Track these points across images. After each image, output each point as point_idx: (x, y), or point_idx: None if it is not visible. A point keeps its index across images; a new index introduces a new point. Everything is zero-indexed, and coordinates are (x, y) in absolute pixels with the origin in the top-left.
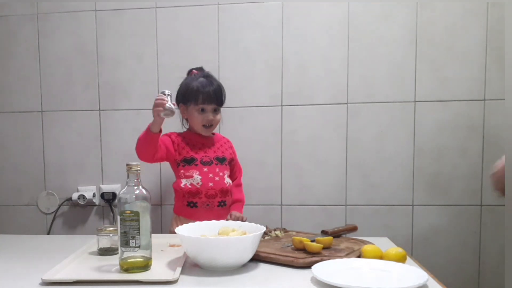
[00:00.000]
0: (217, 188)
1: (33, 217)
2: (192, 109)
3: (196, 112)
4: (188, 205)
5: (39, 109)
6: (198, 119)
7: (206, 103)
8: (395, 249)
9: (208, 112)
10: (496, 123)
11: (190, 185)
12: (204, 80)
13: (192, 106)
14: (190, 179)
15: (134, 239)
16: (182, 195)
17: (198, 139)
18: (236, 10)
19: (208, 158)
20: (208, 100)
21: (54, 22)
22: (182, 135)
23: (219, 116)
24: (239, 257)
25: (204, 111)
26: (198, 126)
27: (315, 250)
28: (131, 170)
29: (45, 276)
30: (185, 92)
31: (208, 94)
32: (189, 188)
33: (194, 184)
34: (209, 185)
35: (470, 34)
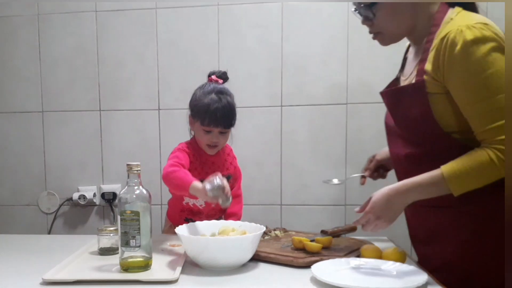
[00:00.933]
0: (218, 208)
1: (33, 217)
2: (198, 126)
3: (202, 131)
4: (186, 220)
5: (39, 109)
6: (202, 138)
7: (212, 126)
8: (394, 249)
9: (214, 134)
10: None
11: (193, 205)
12: (215, 98)
13: (198, 123)
14: (193, 200)
15: (135, 239)
16: (180, 209)
17: (208, 157)
18: (236, 10)
19: None
20: (214, 123)
21: (54, 22)
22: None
23: (226, 137)
24: (239, 257)
25: (210, 132)
26: (202, 144)
27: (314, 250)
28: (132, 170)
29: (45, 275)
30: (194, 106)
31: (215, 118)
32: (191, 207)
33: (197, 205)
34: (211, 206)
35: None
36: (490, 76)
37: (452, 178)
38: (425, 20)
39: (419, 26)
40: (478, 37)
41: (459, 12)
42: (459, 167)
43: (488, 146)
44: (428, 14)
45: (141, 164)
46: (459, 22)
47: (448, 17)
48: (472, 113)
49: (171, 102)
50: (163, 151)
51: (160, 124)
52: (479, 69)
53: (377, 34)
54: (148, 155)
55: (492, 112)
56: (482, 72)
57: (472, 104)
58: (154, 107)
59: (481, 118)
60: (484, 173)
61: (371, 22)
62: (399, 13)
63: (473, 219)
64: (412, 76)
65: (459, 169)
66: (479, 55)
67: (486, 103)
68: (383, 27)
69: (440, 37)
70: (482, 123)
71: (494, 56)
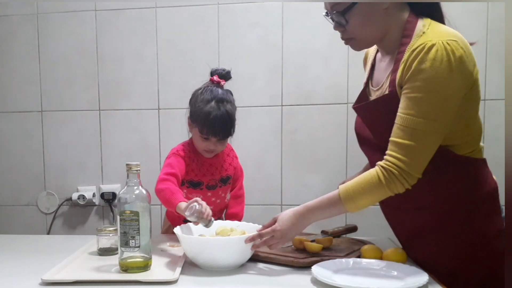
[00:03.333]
0: (217, 209)
1: (33, 217)
2: (196, 132)
3: (200, 138)
4: (185, 221)
5: (39, 109)
6: (200, 144)
7: (210, 135)
8: (395, 249)
9: (212, 142)
10: (496, 123)
11: None
12: (214, 107)
13: (196, 130)
14: None
15: (134, 239)
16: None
17: (206, 159)
18: (236, 10)
19: (214, 181)
20: (212, 133)
21: (54, 22)
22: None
23: (223, 144)
24: (238, 257)
25: (208, 139)
26: (200, 149)
27: (315, 250)
28: (131, 170)
29: (44, 276)
30: (193, 112)
31: (213, 128)
32: None
33: None
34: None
35: (470, 34)
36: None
37: (347, 199)
38: (397, 28)
39: (390, 33)
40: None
41: (430, 24)
42: (353, 188)
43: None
44: (399, 22)
45: (140, 164)
46: (431, 37)
47: (420, 30)
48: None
49: (171, 102)
50: (163, 151)
51: (159, 123)
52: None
53: (349, 40)
54: (147, 155)
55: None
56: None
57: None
58: (154, 106)
59: (396, 128)
60: (374, 192)
61: (343, 28)
62: (371, 20)
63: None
64: (385, 86)
65: (353, 190)
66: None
67: (406, 118)
68: (355, 34)
69: (411, 50)
70: (394, 133)
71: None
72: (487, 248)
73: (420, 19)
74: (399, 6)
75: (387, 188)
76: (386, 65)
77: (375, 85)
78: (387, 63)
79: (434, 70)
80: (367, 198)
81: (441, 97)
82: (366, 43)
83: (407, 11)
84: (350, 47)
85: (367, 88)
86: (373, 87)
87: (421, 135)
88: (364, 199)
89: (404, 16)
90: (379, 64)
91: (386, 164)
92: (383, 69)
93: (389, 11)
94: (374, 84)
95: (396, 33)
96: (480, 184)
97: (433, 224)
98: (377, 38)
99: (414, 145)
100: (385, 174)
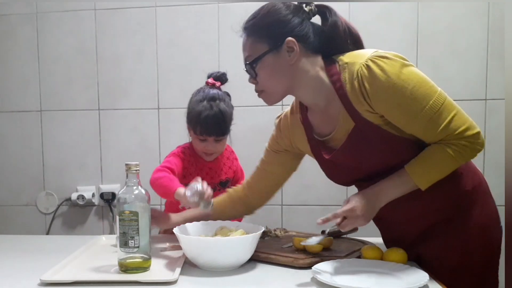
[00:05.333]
0: None
1: (32, 217)
2: (193, 134)
3: (197, 140)
4: None
5: (38, 108)
6: (199, 146)
7: (204, 134)
8: (395, 250)
9: (209, 142)
10: (497, 123)
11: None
12: (206, 106)
13: (192, 132)
14: None
15: (133, 239)
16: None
17: (205, 163)
18: (236, 9)
19: (213, 185)
20: (206, 132)
21: (53, 21)
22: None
23: (222, 143)
24: (238, 257)
25: (205, 140)
26: (199, 152)
27: (315, 251)
28: (130, 170)
29: (43, 276)
30: (188, 114)
31: (206, 127)
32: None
33: None
34: None
35: (472, 33)
36: (412, 91)
37: (416, 175)
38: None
39: (304, 85)
40: (382, 63)
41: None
42: (421, 164)
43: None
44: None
45: (140, 164)
46: (357, 60)
47: (341, 64)
48: (416, 128)
49: (170, 102)
50: (163, 150)
51: (159, 123)
52: (400, 90)
53: (260, 93)
54: (147, 155)
55: (432, 119)
56: (404, 91)
57: (412, 121)
58: (154, 106)
59: (426, 128)
60: (445, 165)
61: (255, 80)
62: (278, 73)
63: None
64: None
65: (422, 166)
66: (394, 78)
67: (423, 115)
68: (264, 86)
69: (349, 81)
70: (429, 132)
71: (405, 72)
72: (485, 239)
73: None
74: (310, 57)
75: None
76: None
77: (326, 134)
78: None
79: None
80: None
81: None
82: (275, 96)
83: (319, 58)
84: (263, 100)
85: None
86: (323, 137)
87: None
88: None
89: (318, 63)
90: (316, 116)
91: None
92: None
93: (297, 64)
94: (322, 135)
95: (315, 81)
96: (470, 176)
97: (439, 220)
98: (285, 91)
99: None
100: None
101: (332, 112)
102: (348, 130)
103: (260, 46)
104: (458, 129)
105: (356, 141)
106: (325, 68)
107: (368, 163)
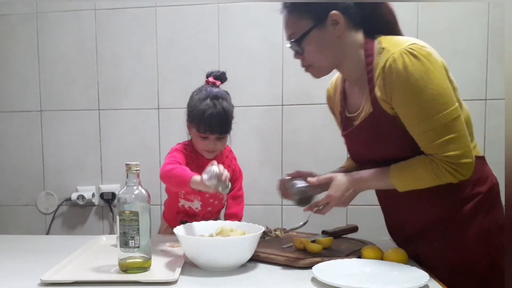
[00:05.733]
0: (214, 211)
1: (32, 217)
2: (194, 132)
3: (199, 137)
4: (182, 222)
5: (38, 108)
6: (200, 144)
7: (207, 132)
8: (395, 250)
9: (211, 140)
10: (497, 123)
11: (189, 207)
12: (210, 104)
13: (194, 130)
14: (189, 202)
15: (134, 239)
16: (176, 211)
17: (204, 161)
18: (237, 9)
19: None
20: (210, 130)
21: (53, 21)
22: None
23: (223, 142)
24: (239, 257)
25: (206, 138)
26: (200, 150)
27: (315, 251)
28: (131, 170)
29: (44, 276)
30: (190, 112)
31: (209, 125)
32: (186, 209)
33: (192, 208)
34: (207, 209)
35: (472, 33)
36: (424, 100)
37: (395, 178)
38: (354, 52)
39: (349, 58)
40: (408, 62)
41: (384, 40)
42: (404, 171)
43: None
44: (355, 46)
45: (140, 163)
46: (392, 49)
47: (378, 48)
48: (417, 132)
49: (170, 101)
50: (163, 150)
51: (159, 123)
52: (414, 94)
53: (308, 67)
54: (147, 155)
55: (429, 132)
56: (416, 97)
57: (412, 126)
58: (154, 106)
59: (422, 137)
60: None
61: (301, 56)
62: (325, 47)
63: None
64: (367, 107)
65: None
66: (412, 81)
67: (423, 125)
68: (312, 61)
69: (380, 67)
70: (424, 142)
71: (426, 79)
72: (489, 243)
73: (375, 39)
74: (352, 31)
75: (438, 180)
76: (358, 89)
77: (354, 111)
78: (360, 87)
79: (413, 73)
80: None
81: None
82: (324, 70)
83: (361, 34)
84: (310, 74)
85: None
86: (351, 113)
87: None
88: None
89: (359, 39)
90: (351, 91)
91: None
92: (357, 93)
93: (342, 37)
94: (351, 111)
95: (355, 56)
96: (482, 180)
97: (442, 217)
98: (333, 64)
99: (450, 138)
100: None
101: (362, 92)
102: (366, 114)
103: (304, 22)
104: (448, 152)
105: (368, 126)
106: (365, 46)
107: (375, 149)
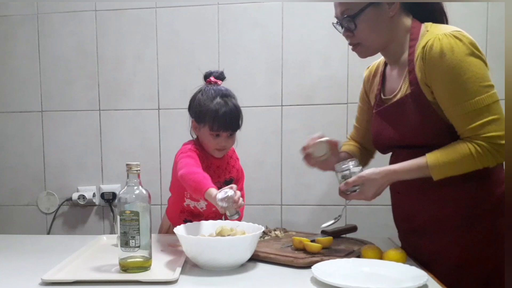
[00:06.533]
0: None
1: (33, 217)
2: (205, 131)
3: (210, 136)
4: (185, 221)
5: (39, 109)
6: (211, 143)
7: (221, 130)
8: (395, 249)
9: (223, 138)
10: None
11: (194, 207)
12: (221, 103)
13: (205, 129)
14: (195, 202)
15: (134, 239)
16: (180, 210)
17: (213, 161)
18: (236, 10)
19: (219, 183)
20: (223, 127)
21: (54, 22)
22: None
23: (233, 139)
24: (239, 257)
25: (218, 136)
26: (210, 148)
27: (315, 250)
28: (131, 170)
29: (45, 276)
30: (199, 112)
31: (224, 122)
32: (191, 209)
33: (197, 208)
34: (212, 209)
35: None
36: (466, 80)
37: (434, 166)
38: (402, 35)
39: (395, 40)
40: (454, 43)
41: (431, 25)
42: (442, 157)
43: (470, 140)
44: (403, 29)
45: (140, 164)
46: (436, 31)
47: (424, 30)
48: (453, 114)
49: (171, 102)
50: (163, 151)
51: (160, 123)
52: (457, 73)
53: (356, 46)
54: (147, 155)
55: (471, 113)
56: (459, 76)
57: (453, 106)
58: (154, 106)
59: (462, 118)
60: (463, 163)
61: (352, 33)
62: (378, 26)
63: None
64: (404, 88)
65: (442, 159)
66: (455, 61)
67: (465, 105)
68: (362, 39)
69: (421, 46)
70: (463, 123)
71: (469, 61)
72: (496, 246)
73: (423, 24)
74: (403, 14)
75: (478, 162)
76: (398, 72)
77: (389, 93)
78: (399, 69)
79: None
80: (454, 167)
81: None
82: (372, 49)
83: (410, 19)
84: (357, 54)
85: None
86: (386, 96)
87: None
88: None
89: (408, 23)
90: (391, 74)
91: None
92: (396, 77)
93: (395, 18)
94: (387, 93)
95: (401, 39)
96: (497, 184)
97: (451, 213)
98: (382, 44)
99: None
100: (477, 149)
101: (401, 75)
102: (403, 94)
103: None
104: (490, 132)
105: (402, 106)
106: (411, 30)
107: (402, 131)
